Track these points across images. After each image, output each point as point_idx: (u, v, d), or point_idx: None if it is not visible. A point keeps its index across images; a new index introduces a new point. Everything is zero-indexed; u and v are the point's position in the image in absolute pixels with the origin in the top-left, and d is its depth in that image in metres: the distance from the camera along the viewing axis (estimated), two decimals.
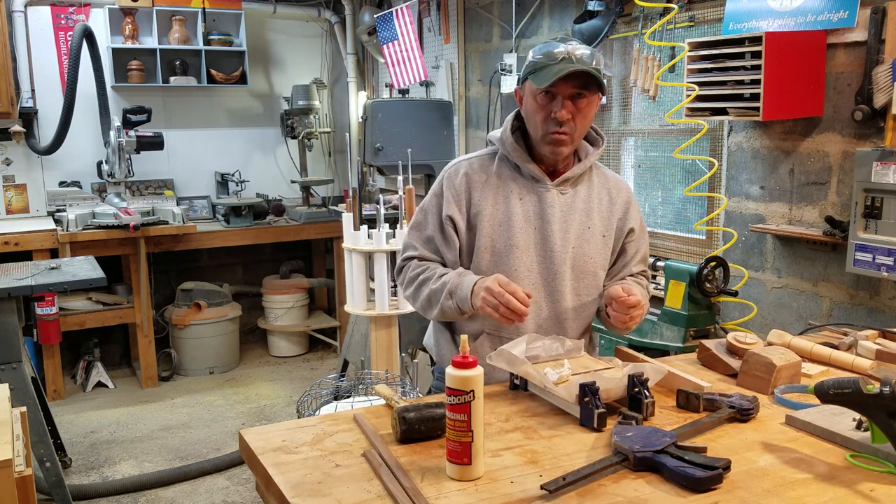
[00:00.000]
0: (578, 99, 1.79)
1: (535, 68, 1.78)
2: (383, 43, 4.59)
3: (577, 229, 1.89)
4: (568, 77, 1.74)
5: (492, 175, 1.91)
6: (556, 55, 1.75)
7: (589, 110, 1.82)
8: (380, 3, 5.39)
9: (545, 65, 1.76)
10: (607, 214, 1.94)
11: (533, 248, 1.87)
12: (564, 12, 3.82)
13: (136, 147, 4.68)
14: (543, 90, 1.78)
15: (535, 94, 1.81)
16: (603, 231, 1.93)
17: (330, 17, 5.81)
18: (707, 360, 1.95)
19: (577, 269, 1.89)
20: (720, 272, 2.81)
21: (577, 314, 1.92)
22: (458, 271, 1.86)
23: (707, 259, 2.82)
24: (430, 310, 1.89)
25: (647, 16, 3.28)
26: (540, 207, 1.87)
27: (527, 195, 1.88)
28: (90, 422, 4.32)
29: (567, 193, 1.90)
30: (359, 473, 1.34)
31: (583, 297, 1.92)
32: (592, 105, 1.83)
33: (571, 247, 1.88)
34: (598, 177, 1.97)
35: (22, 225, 4.68)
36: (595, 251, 1.91)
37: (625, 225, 1.96)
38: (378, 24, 4.35)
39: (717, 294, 2.82)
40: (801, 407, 1.60)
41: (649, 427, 1.45)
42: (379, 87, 5.65)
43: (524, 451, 1.43)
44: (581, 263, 1.89)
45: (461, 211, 1.89)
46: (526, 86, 1.85)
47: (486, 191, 1.89)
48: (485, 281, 1.75)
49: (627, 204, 1.97)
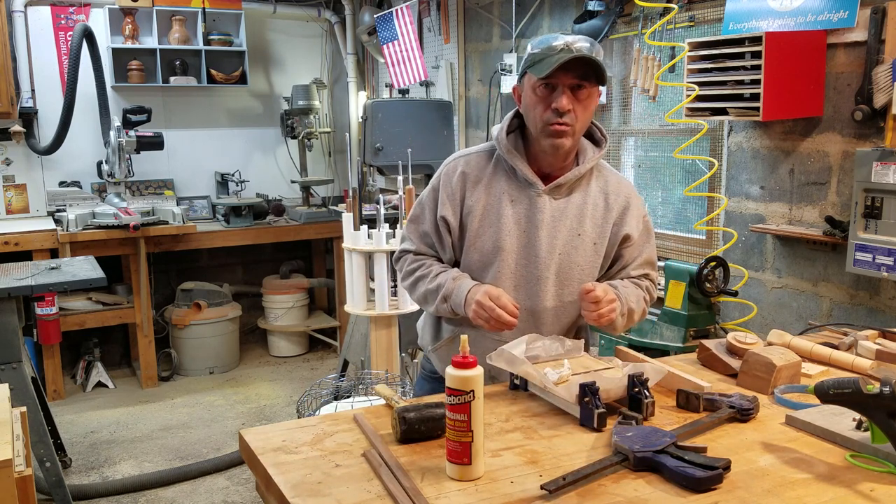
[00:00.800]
0: (578, 90, 1.78)
1: (535, 60, 1.78)
2: (383, 43, 4.59)
3: (566, 236, 1.87)
4: (568, 67, 1.73)
5: (487, 175, 1.91)
6: (555, 46, 1.75)
7: (589, 102, 1.81)
8: (380, 3, 5.39)
9: (545, 56, 1.75)
10: (601, 221, 1.90)
11: (519, 252, 1.87)
12: (564, 12, 3.82)
13: (136, 147, 4.68)
14: (543, 81, 1.77)
15: (535, 87, 1.80)
16: (594, 238, 1.89)
17: (330, 17, 5.82)
18: (707, 360, 1.95)
19: (561, 276, 1.88)
20: (720, 272, 2.81)
21: (556, 317, 1.90)
22: (453, 274, 1.87)
23: (707, 259, 2.82)
24: (427, 306, 1.95)
25: (647, 16, 3.28)
26: (530, 212, 1.86)
27: (518, 198, 1.88)
28: (90, 422, 4.32)
29: (560, 199, 1.88)
30: (359, 473, 1.34)
31: (565, 302, 1.90)
32: (593, 97, 1.82)
33: (558, 253, 1.86)
34: (597, 180, 1.93)
35: (22, 225, 4.68)
36: (584, 259, 1.89)
37: (619, 231, 1.91)
38: (378, 24, 4.35)
39: (717, 294, 2.82)
40: (801, 407, 1.60)
41: (649, 427, 1.45)
42: (379, 87, 5.65)
43: (524, 451, 1.43)
44: (566, 270, 1.87)
45: (454, 211, 1.91)
46: (525, 80, 1.84)
47: (480, 191, 1.89)
48: (476, 293, 1.79)
49: (625, 209, 1.92)
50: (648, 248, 1.97)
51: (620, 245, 1.93)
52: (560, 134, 1.79)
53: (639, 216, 1.95)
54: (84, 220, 4.55)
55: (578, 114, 1.79)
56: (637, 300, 1.90)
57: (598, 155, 1.92)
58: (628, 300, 1.87)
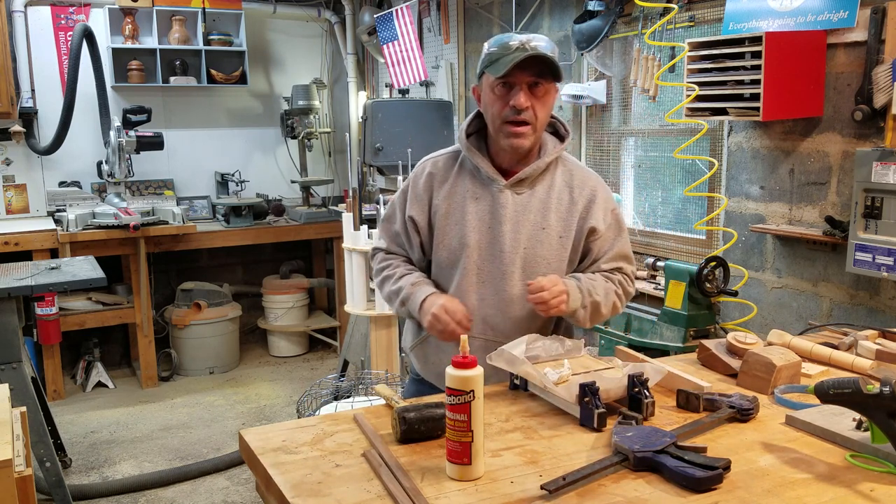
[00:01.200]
0: (536, 87, 1.81)
1: (491, 60, 1.82)
2: (383, 43, 4.59)
3: (530, 230, 1.89)
4: (524, 65, 1.77)
5: (452, 175, 1.95)
6: (511, 46, 1.79)
7: (547, 98, 1.84)
8: (380, 3, 5.38)
9: (501, 55, 1.79)
10: (566, 215, 1.91)
11: (483, 248, 1.89)
12: (564, 12, 3.82)
13: (136, 147, 4.68)
14: (501, 80, 1.80)
15: (493, 86, 1.83)
16: (560, 232, 1.90)
17: (330, 17, 5.82)
18: (707, 360, 1.95)
19: (527, 270, 1.89)
20: (720, 272, 2.81)
21: (526, 311, 1.90)
22: (412, 280, 1.93)
23: (707, 259, 2.82)
24: (391, 306, 2.03)
25: (647, 16, 3.28)
26: (493, 208, 1.89)
27: (482, 195, 1.91)
28: (90, 422, 4.32)
29: (523, 194, 1.90)
30: (359, 473, 1.34)
31: None
32: (550, 93, 1.85)
33: (523, 247, 1.88)
34: (562, 174, 1.94)
35: (22, 225, 4.68)
36: (549, 252, 1.90)
37: (585, 225, 1.91)
38: (378, 24, 4.35)
39: (717, 294, 2.82)
40: (801, 407, 1.60)
41: (649, 427, 1.45)
42: (379, 87, 5.65)
43: (524, 451, 1.43)
44: (532, 264, 1.89)
45: (423, 211, 1.96)
46: (483, 79, 1.88)
47: (445, 190, 1.94)
48: (433, 304, 1.83)
49: (590, 202, 1.92)
50: (620, 242, 1.97)
51: (588, 238, 1.93)
52: (519, 134, 1.83)
53: (606, 209, 1.94)
54: (84, 220, 4.56)
55: (537, 110, 1.82)
56: (605, 293, 1.89)
57: (560, 148, 1.94)
58: (592, 293, 1.86)
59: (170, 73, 5.27)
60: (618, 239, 1.97)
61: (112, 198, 4.88)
